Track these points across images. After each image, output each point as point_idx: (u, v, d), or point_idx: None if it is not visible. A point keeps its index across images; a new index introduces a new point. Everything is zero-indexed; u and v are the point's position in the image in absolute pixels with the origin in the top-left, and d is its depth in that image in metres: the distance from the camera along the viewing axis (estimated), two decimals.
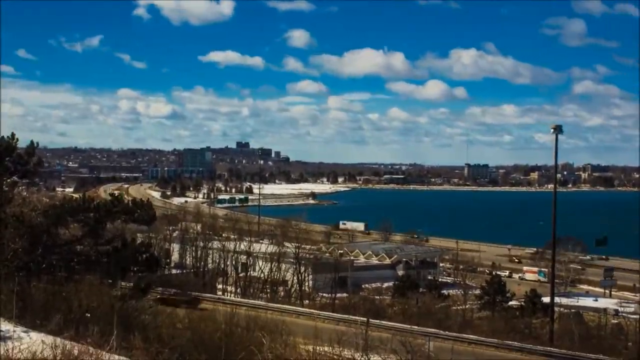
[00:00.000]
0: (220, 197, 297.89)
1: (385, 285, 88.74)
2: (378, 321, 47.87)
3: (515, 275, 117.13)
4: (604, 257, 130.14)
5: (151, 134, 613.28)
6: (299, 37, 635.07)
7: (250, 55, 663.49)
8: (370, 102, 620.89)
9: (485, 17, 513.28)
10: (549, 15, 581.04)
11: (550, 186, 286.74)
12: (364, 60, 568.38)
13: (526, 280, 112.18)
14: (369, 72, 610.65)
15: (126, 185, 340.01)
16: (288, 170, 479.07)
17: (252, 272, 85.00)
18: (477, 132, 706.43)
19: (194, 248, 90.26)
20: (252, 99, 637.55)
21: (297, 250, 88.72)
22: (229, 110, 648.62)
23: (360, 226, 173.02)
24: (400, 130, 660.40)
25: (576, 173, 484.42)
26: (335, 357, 22.86)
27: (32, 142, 26.77)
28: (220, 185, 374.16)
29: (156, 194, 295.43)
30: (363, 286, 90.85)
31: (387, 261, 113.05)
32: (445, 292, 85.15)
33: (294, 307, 56.56)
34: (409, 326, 46.17)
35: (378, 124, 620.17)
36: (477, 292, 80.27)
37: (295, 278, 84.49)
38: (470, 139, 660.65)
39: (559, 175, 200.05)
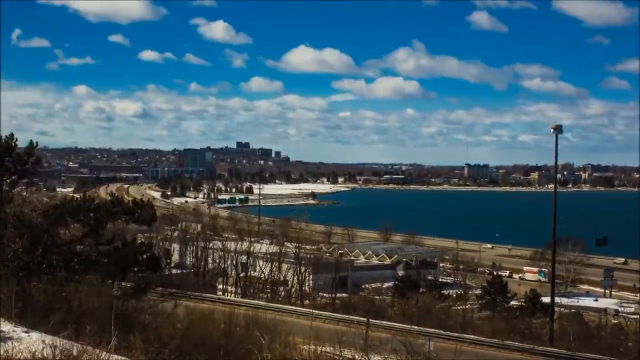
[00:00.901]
0: (221, 197, 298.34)
1: (386, 285, 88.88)
2: (378, 321, 47.90)
3: (516, 276, 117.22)
4: (623, 260, 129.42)
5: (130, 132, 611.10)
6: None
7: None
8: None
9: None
10: None
11: (551, 186, 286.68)
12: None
13: (526, 280, 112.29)
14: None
15: (126, 185, 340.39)
16: (288, 171, 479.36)
17: (252, 272, 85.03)
18: (476, 132, 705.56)
19: (194, 248, 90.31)
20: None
21: (297, 250, 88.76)
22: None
23: None
24: (401, 130, 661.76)
25: (576, 173, 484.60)
26: (335, 357, 22.87)
27: (31, 141, 26.72)
28: (220, 185, 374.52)
29: (156, 194, 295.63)
30: (363, 286, 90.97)
31: (388, 261, 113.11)
32: (445, 292, 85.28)
33: (294, 307, 56.56)
34: (409, 326, 46.19)
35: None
36: (478, 292, 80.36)
37: (295, 278, 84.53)
38: (470, 138, 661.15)
39: (559, 175, 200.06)
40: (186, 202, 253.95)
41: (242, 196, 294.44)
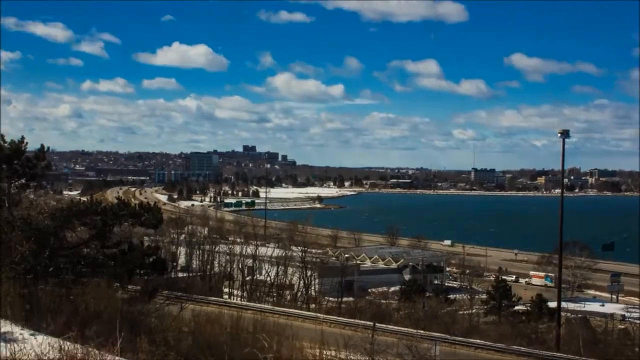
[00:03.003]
0: (227, 200, 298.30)
1: (392, 289, 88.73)
2: (384, 325, 47.82)
3: (522, 280, 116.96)
4: None
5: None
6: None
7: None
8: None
9: None
10: None
11: (557, 191, 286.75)
12: None
13: (533, 285, 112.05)
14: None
15: (133, 189, 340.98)
16: (294, 174, 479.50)
17: (258, 276, 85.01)
18: (484, 137, 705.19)
19: (200, 251, 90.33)
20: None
21: (303, 253, 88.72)
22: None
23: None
24: (407, 135, 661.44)
25: (583, 178, 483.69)
26: None
27: (42, 145, 26.89)
28: (227, 188, 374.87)
29: (163, 197, 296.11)
30: (369, 290, 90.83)
31: (394, 265, 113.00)
32: (452, 296, 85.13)
33: (300, 311, 56.52)
34: (415, 330, 46.08)
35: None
36: (484, 296, 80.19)
37: (301, 282, 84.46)
38: (478, 143, 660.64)
39: (565, 180, 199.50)
40: (193, 205, 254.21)
41: (248, 200, 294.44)
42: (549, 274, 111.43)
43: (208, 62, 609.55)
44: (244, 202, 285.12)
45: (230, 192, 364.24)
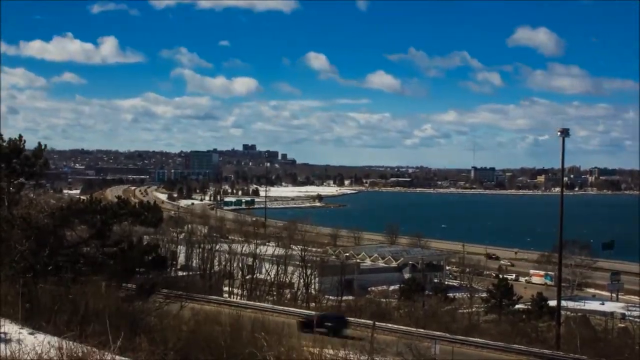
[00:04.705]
0: (227, 199, 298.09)
1: (392, 288, 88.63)
2: (384, 324, 47.85)
3: (522, 279, 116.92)
4: None
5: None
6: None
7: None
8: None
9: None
10: None
11: (557, 189, 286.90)
12: None
13: (533, 283, 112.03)
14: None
15: (133, 187, 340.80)
16: (294, 173, 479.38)
17: (258, 275, 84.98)
18: (483, 135, 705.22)
19: (200, 250, 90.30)
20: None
21: (303, 252, 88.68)
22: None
23: None
24: (407, 134, 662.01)
25: (583, 176, 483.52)
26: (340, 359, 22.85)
27: (39, 144, 26.86)
28: (226, 187, 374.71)
29: (163, 196, 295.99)
30: (369, 289, 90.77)
31: (394, 264, 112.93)
32: (452, 295, 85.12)
33: (300, 310, 56.54)
34: (415, 329, 46.13)
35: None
36: (484, 295, 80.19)
37: (301, 281, 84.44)
38: (477, 141, 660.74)
39: (565, 179, 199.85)
40: (192, 204, 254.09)
41: (248, 198, 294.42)
42: (549, 273, 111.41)
43: None
44: (243, 200, 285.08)
45: (230, 190, 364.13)
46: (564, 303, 66.15)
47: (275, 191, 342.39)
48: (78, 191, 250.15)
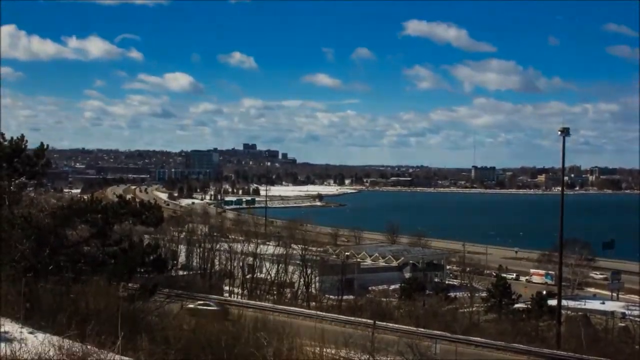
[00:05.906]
0: (227, 198, 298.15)
1: (392, 287, 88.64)
2: (385, 323, 47.86)
3: (522, 278, 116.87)
4: None
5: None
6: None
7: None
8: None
9: None
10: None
11: (558, 189, 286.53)
12: None
13: (533, 283, 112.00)
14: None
15: (134, 187, 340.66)
16: (295, 172, 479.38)
17: (258, 274, 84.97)
18: (484, 135, 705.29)
19: (200, 249, 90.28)
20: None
21: (303, 252, 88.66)
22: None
23: None
24: (407, 133, 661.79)
25: (584, 176, 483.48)
26: (341, 359, 22.86)
27: (42, 143, 26.91)
28: (227, 186, 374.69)
29: (163, 196, 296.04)
30: (370, 288, 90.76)
31: (394, 263, 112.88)
32: (452, 294, 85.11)
33: (301, 309, 56.57)
34: (415, 328, 46.16)
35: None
36: (484, 294, 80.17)
37: (301, 280, 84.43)
38: (478, 141, 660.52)
39: (566, 178, 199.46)
40: (193, 203, 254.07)
41: (248, 198, 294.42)
42: (550, 272, 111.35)
43: None
44: (244, 200, 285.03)
45: (230, 190, 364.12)
46: (564, 302, 66.12)
47: (276, 190, 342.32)
48: (79, 190, 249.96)
